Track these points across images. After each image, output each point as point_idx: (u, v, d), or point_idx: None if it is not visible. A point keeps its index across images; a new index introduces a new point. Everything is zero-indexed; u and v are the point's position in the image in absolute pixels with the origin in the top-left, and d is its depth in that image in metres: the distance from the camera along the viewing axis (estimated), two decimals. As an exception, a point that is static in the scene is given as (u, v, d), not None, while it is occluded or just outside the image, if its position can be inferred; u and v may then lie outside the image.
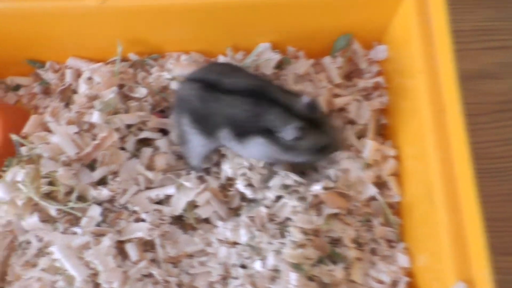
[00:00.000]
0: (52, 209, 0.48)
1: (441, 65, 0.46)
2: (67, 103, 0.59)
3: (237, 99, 0.47)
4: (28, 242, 0.50)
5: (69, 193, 0.49)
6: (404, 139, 0.53)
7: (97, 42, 0.58)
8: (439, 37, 0.47)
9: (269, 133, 0.46)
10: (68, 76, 0.60)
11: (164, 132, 0.56)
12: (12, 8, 0.52)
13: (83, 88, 0.56)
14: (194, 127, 0.49)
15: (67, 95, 0.60)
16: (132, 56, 0.60)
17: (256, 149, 0.47)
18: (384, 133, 0.58)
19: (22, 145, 0.51)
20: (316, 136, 0.46)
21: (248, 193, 0.50)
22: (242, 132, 0.47)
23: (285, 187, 0.50)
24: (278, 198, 0.50)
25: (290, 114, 0.45)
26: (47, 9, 0.52)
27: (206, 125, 0.48)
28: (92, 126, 0.53)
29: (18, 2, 0.52)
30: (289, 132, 0.44)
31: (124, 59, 0.59)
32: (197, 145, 0.50)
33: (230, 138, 0.48)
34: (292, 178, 0.50)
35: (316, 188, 0.49)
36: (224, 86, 0.47)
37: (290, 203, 0.49)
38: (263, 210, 0.50)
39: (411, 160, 0.51)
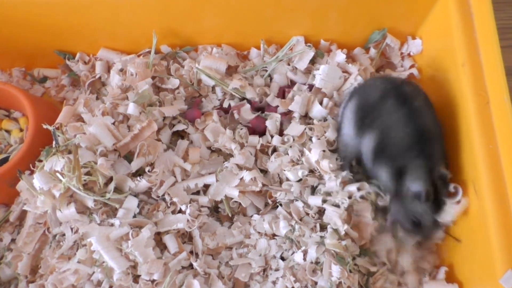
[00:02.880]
0: (90, 200, 0.47)
1: (485, 58, 0.46)
2: (97, 96, 0.58)
3: (405, 123, 0.46)
4: (63, 235, 0.49)
5: (106, 184, 0.48)
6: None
7: (129, 33, 0.58)
8: (482, 31, 0.47)
9: (400, 172, 0.45)
10: (99, 68, 0.59)
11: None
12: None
13: (116, 79, 0.56)
14: (353, 116, 0.49)
15: (96, 87, 0.59)
16: (165, 48, 0.59)
17: (380, 171, 0.47)
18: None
19: (58, 136, 0.50)
20: (430, 210, 0.45)
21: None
22: (380, 149, 0.47)
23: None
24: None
25: (430, 174, 0.45)
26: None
27: (363, 118, 0.48)
28: (126, 117, 0.53)
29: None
30: (417, 189, 0.44)
31: (156, 51, 0.59)
32: (346, 133, 0.50)
33: (369, 145, 0.48)
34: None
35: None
36: (407, 104, 0.47)
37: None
38: (299, 205, 0.49)
39: (453, 149, 0.50)
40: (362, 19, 0.56)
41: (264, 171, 0.53)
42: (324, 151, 0.50)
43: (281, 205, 0.51)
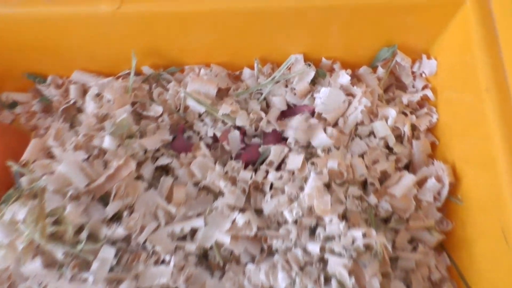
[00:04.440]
0: (58, 252, 0.41)
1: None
2: (72, 124, 0.52)
3: None
4: (30, 290, 0.43)
5: (78, 231, 0.42)
6: (462, 161, 0.47)
7: (108, 54, 0.51)
8: (509, 49, 0.40)
9: None
10: (73, 92, 0.53)
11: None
12: (9, 13, 0.46)
13: (91, 106, 0.49)
14: None
15: (71, 114, 0.53)
16: (147, 70, 0.53)
17: None
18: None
19: (22, 174, 0.44)
20: None
21: None
22: None
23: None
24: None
25: None
26: (52, 15, 0.46)
27: None
28: (103, 151, 0.46)
29: (17, 7, 0.45)
30: None
31: (137, 73, 0.53)
32: None
33: None
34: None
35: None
36: None
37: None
38: (298, 252, 0.43)
39: (473, 183, 0.45)
40: (368, 34, 0.50)
41: (259, 210, 0.47)
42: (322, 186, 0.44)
43: (277, 252, 0.44)
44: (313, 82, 0.52)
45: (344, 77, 0.51)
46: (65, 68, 0.54)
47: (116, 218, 0.44)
